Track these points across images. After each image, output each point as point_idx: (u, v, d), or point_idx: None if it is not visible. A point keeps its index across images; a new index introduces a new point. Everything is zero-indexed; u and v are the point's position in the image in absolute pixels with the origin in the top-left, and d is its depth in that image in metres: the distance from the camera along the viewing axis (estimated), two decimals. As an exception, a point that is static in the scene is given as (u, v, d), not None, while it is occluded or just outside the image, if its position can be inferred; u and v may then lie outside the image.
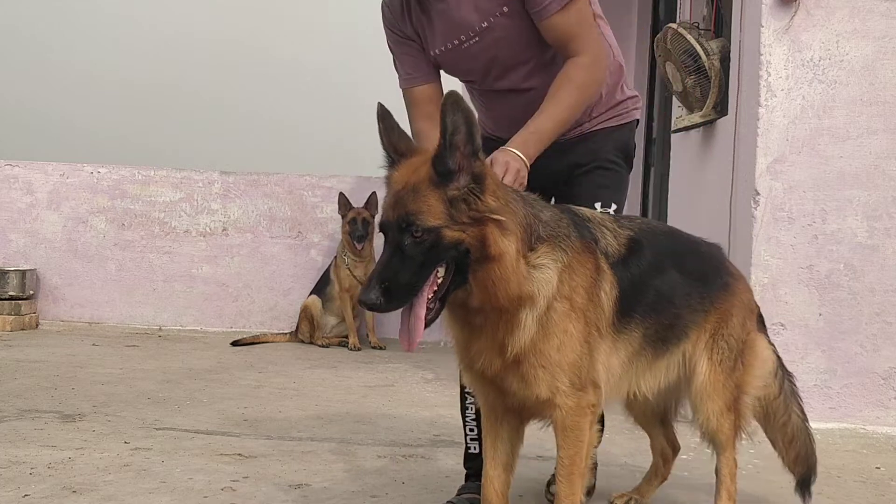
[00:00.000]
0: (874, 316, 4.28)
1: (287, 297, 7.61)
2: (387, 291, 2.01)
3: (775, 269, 4.28)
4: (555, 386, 2.19)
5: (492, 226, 2.04)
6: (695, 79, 4.90)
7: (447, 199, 2.03)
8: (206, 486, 3.04)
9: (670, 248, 2.53)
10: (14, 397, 4.42)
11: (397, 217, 2.05)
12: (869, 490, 3.37)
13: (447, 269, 2.06)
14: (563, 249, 2.20)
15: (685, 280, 2.50)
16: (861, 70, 4.30)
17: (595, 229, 2.34)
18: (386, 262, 2.04)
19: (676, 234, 2.71)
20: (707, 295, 2.56)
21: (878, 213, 4.29)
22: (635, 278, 2.37)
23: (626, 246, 2.38)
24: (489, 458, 2.41)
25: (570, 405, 2.21)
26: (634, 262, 2.38)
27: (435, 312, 2.08)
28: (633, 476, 3.26)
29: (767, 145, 4.29)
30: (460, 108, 1.99)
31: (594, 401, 2.24)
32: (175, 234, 7.71)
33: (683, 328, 2.52)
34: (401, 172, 2.12)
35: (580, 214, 2.37)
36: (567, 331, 2.18)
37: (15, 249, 7.63)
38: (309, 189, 7.79)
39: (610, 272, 2.30)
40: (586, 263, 2.24)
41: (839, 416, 4.26)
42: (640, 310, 2.38)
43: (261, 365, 5.84)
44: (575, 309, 2.19)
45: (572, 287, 2.20)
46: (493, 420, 2.39)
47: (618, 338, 2.33)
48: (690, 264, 2.55)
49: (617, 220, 2.46)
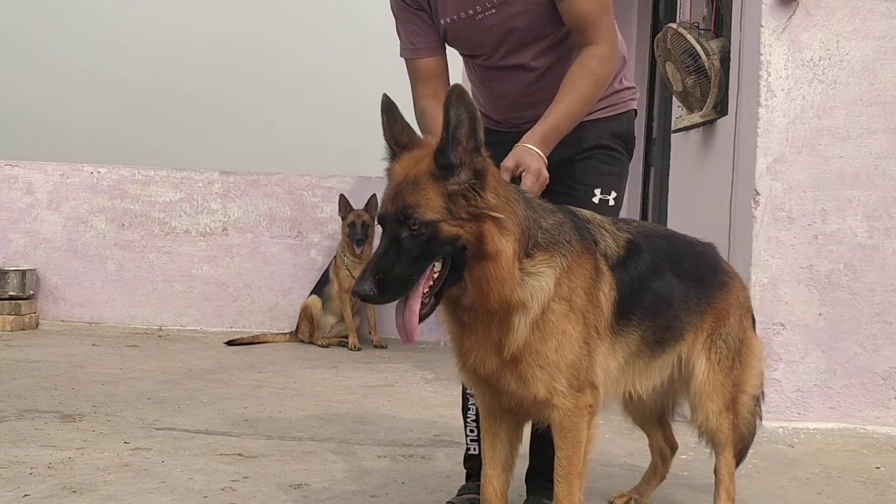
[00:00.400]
0: (874, 316, 4.28)
1: (287, 297, 7.61)
2: (381, 283, 2.00)
3: (775, 269, 4.28)
4: (552, 386, 2.18)
5: (490, 223, 2.03)
6: (695, 79, 4.90)
7: (447, 193, 2.01)
8: (206, 486, 3.04)
9: (667, 251, 2.52)
10: (14, 397, 4.42)
11: (395, 209, 2.03)
12: (869, 490, 3.37)
13: (444, 264, 2.05)
14: (563, 255, 2.19)
15: (682, 282, 2.50)
16: (861, 70, 4.30)
17: (595, 231, 2.34)
18: (382, 254, 2.02)
19: (672, 235, 2.69)
20: (704, 295, 2.56)
21: (878, 213, 4.29)
22: (634, 281, 2.36)
23: (625, 248, 2.37)
24: (488, 458, 2.40)
25: (568, 406, 2.20)
26: (633, 264, 2.37)
27: (430, 307, 2.07)
28: (633, 476, 3.25)
29: (767, 145, 4.29)
30: (464, 102, 1.98)
31: (591, 402, 2.24)
32: (175, 234, 7.71)
33: (680, 330, 2.51)
34: (402, 165, 2.10)
35: (581, 216, 2.36)
36: (566, 332, 2.17)
37: (15, 249, 7.63)
38: (309, 189, 7.79)
39: (609, 274, 2.30)
40: (586, 265, 2.23)
41: (839, 416, 4.26)
42: (638, 312, 2.37)
43: (261, 365, 5.84)
44: (574, 310, 2.18)
45: (571, 288, 2.19)
46: (491, 420, 2.39)
47: (616, 340, 2.32)
48: (687, 266, 2.55)
49: (615, 223, 2.45)
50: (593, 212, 2.48)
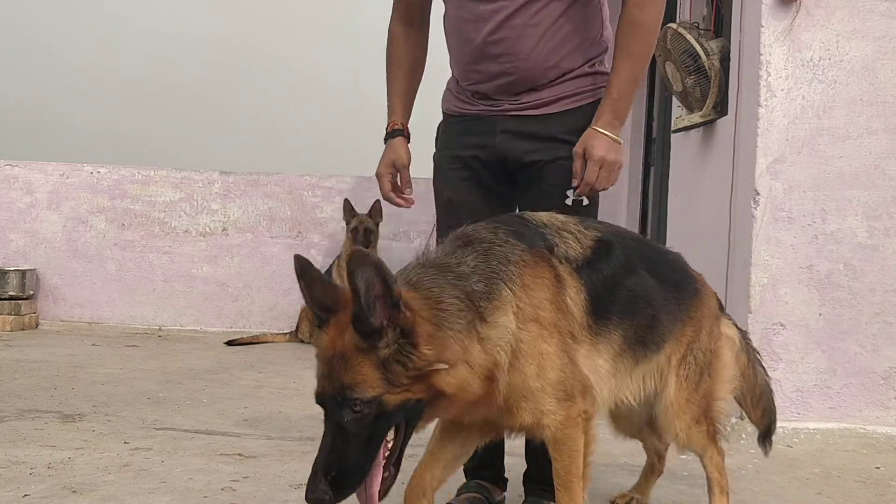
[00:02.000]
0: (874, 316, 4.28)
1: (287, 297, 7.61)
2: (335, 482, 1.84)
3: (775, 269, 4.28)
4: (539, 410, 2.08)
5: (437, 374, 1.87)
6: (695, 79, 4.90)
7: (380, 361, 1.83)
8: (206, 486, 3.04)
9: (641, 252, 2.41)
10: (14, 397, 4.42)
11: (333, 390, 1.85)
12: (869, 490, 3.37)
13: (398, 430, 1.91)
14: (511, 280, 2.06)
15: (660, 284, 2.38)
16: (861, 70, 4.30)
17: (552, 235, 2.21)
18: (329, 447, 1.85)
19: (644, 240, 2.61)
20: (683, 302, 2.46)
21: (878, 213, 4.29)
22: (607, 279, 2.24)
23: (593, 248, 2.25)
24: (431, 453, 2.29)
25: (559, 420, 2.11)
26: (604, 262, 2.25)
27: (391, 478, 1.94)
28: (633, 475, 3.25)
29: (767, 145, 4.29)
30: (367, 263, 1.80)
31: (584, 407, 2.15)
32: (175, 234, 7.72)
33: (662, 335, 2.40)
34: (328, 335, 1.89)
35: (533, 222, 2.24)
36: (542, 352, 2.07)
37: (15, 249, 7.63)
38: (309, 189, 7.80)
39: (572, 277, 2.17)
40: (542, 274, 2.12)
41: (839, 416, 4.26)
42: (616, 311, 2.25)
43: (261, 365, 5.84)
44: (544, 326, 2.08)
45: (534, 305, 2.07)
46: (452, 427, 2.27)
47: (596, 339, 2.21)
48: (663, 270, 2.44)
49: (583, 223, 2.33)
50: (568, 213, 2.38)
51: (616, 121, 2.49)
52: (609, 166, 2.48)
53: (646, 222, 7.02)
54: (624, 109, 2.50)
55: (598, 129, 2.49)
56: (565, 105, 2.65)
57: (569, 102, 2.65)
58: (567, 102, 2.65)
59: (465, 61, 2.70)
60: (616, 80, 2.51)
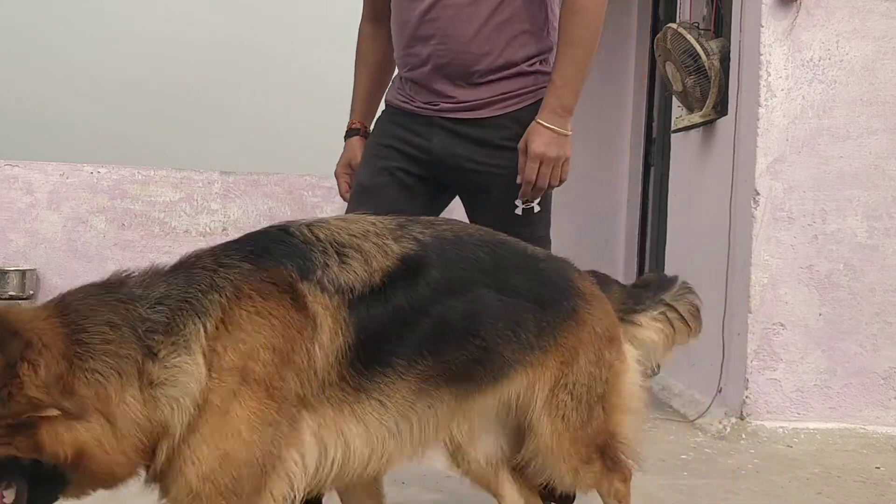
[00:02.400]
0: (874, 316, 4.28)
1: (287, 297, 7.62)
2: None
3: (775, 269, 4.28)
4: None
5: (48, 424, 1.46)
6: (695, 79, 4.90)
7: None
8: (206, 486, 3.03)
9: (485, 263, 1.90)
10: (14, 397, 4.41)
11: None
12: (869, 490, 3.37)
13: (16, 490, 1.51)
14: (205, 311, 1.60)
15: (509, 303, 1.89)
16: (861, 70, 4.30)
17: (323, 254, 1.73)
18: None
19: (502, 245, 2.00)
20: (547, 324, 1.94)
21: (878, 213, 4.29)
22: (398, 310, 1.75)
23: (392, 269, 1.77)
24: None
25: None
26: (400, 289, 1.76)
27: None
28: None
29: (767, 145, 4.29)
30: None
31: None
32: (175, 234, 7.72)
33: (501, 366, 1.89)
34: None
35: (302, 234, 1.76)
36: (231, 420, 1.56)
37: (15, 249, 7.63)
38: (309, 189, 7.80)
39: (332, 314, 1.68)
40: (267, 311, 1.62)
41: (839, 416, 4.26)
42: (407, 350, 1.76)
43: (261, 365, 5.83)
44: (249, 382, 1.58)
45: (242, 352, 1.59)
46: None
47: (358, 398, 1.71)
48: (519, 283, 1.93)
49: (397, 232, 1.84)
50: (520, 224, 2.25)
51: (561, 110, 2.33)
52: (551, 162, 2.32)
53: (646, 222, 7.01)
54: (569, 98, 2.34)
55: (541, 122, 2.34)
56: (506, 107, 2.49)
57: (510, 104, 2.49)
58: (508, 104, 2.49)
59: (401, 45, 2.57)
60: (560, 67, 2.36)
